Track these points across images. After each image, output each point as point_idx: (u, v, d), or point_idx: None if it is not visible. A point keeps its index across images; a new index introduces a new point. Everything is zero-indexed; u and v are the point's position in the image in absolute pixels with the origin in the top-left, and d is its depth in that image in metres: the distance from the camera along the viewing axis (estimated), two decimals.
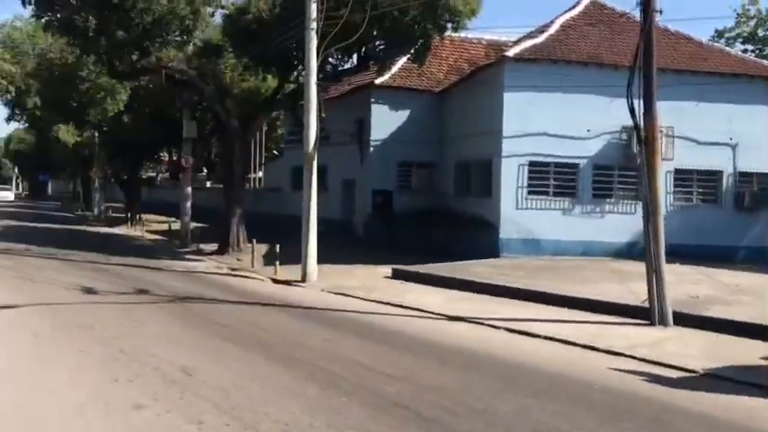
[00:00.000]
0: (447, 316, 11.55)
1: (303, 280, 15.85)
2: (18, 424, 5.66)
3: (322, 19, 15.67)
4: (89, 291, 13.00)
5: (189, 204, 26.19)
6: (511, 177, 18.45)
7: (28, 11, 20.04)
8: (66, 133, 48.62)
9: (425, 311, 11.99)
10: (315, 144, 16.25)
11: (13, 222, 33.62)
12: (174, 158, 53.65)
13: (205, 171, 52.71)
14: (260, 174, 41.14)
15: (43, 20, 20.39)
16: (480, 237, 19.15)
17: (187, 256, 21.72)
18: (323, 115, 16.41)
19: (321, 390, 6.87)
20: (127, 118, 33.91)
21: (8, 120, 48.28)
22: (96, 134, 42.69)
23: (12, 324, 9.72)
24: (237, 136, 21.78)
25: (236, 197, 22.39)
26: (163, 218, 36.26)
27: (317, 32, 15.77)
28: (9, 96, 27.41)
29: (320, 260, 16.12)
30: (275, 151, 46.29)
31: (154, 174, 58.06)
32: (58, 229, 31.10)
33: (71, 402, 6.21)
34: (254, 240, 19.38)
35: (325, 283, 15.51)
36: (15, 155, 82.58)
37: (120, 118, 33.65)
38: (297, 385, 6.97)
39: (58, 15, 19.41)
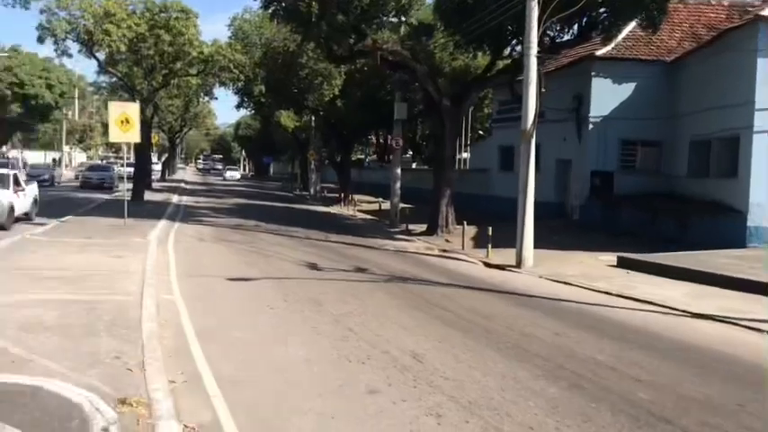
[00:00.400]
0: (691, 313, 10.11)
1: (518, 265, 15.10)
2: (263, 395, 5.74)
3: None
4: (313, 266, 13.50)
5: (398, 185, 26.59)
6: (763, 156, 15.88)
7: (257, 2, 21.43)
8: (287, 118, 52.56)
9: (664, 306, 10.62)
10: (534, 121, 15.31)
11: (242, 200, 36.99)
12: (381, 141, 55.63)
13: (410, 153, 53.95)
14: (464, 155, 40.79)
15: (270, 10, 21.72)
16: (720, 223, 16.81)
17: (397, 236, 22.02)
18: (543, 90, 15.40)
19: (563, 391, 6.16)
20: (340, 102, 35.56)
21: (237, 107, 53.27)
22: (313, 118, 45.52)
23: (250, 295, 10.28)
24: (449, 115, 21.48)
25: (445, 178, 22.17)
26: (371, 198, 37.55)
27: (538, 2, 14.81)
28: (239, 85, 29.97)
29: (535, 245, 15.24)
30: (480, 131, 45.77)
31: (363, 156, 60.79)
32: (281, 207, 33.54)
33: (308, 380, 6.19)
34: (465, 222, 18.98)
35: (542, 269, 14.61)
36: (242, 139, 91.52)
37: (335, 102, 35.34)
38: (535, 384, 6.33)
39: (283, 4, 20.54)
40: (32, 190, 19.41)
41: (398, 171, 27.03)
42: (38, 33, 25.62)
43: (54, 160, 67.56)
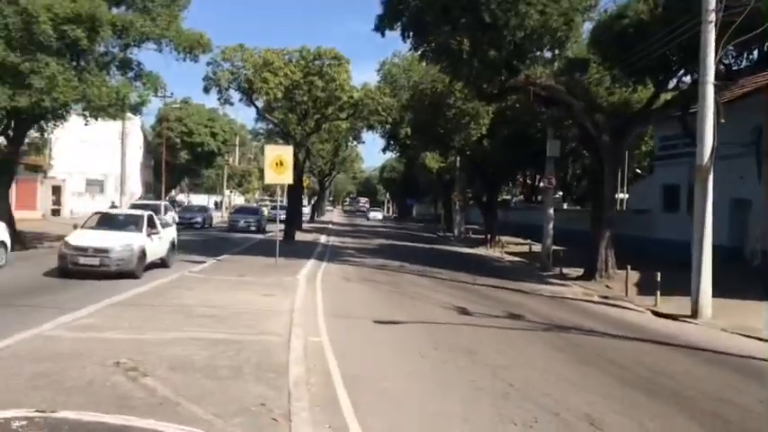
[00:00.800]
0: None
1: (694, 315, 13.30)
2: None
3: (721, 9, 13.19)
4: (463, 311, 12.69)
5: (551, 226, 25.20)
6: None
7: (407, 45, 21.48)
8: (432, 160, 52.68)
9: None
10: (711, 156, 13.64)
11: (386, 241, 37.10)
12: (528, 180, 53.99)
13: (560, 193, 51.84)
14: (621, 195, 38.23)
15: (419, 51, 21.69)
16: None
17: (551, 280, 20.62)
18: (722, 121, 13.73)
19: None
20: (487, 142, 34.88)
21: (384, 150, 54.30)
22: (458, 159, 45.20)
23: (399, 340, 9.67)
24: (608, 152, 20.00)
25: (604, 218, 20.54)
26: (518, 239, 36.15)
27: (715, 25, 13.31)
28: (387, 128, 30.28)
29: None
30: (638, 170, 42.91)
31: (509, 196, 59.37)
32: (424, 249, 33.15)
33: None
34: (629, 267, 17.30)
35: (722, 320, 12.76)
36: (387, 182, 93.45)
37: (481, 142, 34.73)
38: None
39: (433, 45, 20.39)
40: (170, 233, 18.26)
41: (551, 211, 25.65)
42: (204, 84, 27.61)
43: (216, 203, 72.77)
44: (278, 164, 18.31)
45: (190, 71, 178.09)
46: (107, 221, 16.28)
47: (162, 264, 16.88)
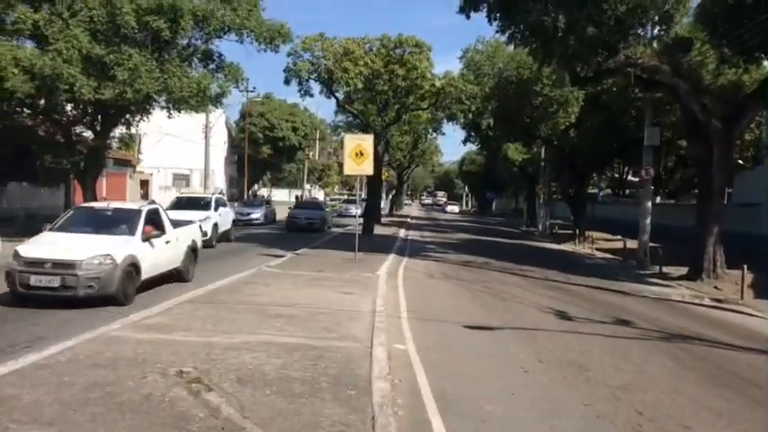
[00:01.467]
0: None
1: None
2: None
3: None
4: (562, 315, 11.39)
5: (648, 221, 23.25)
6: None
7: (492, 28, 20.16)
8: (515, 151, 50.82)
9: None
10: None
11: (467, 236, 35.78)
12: (616, 174, 51.11)
13: (651, 186, 48.77)
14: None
15: (506, 34, 20.34)
16: None
17: (651, 280, 18.83)
18: None
19: None
20: (574, 131, 32.93)
21: (464, 141, 52.76)
22: (543, 150, 43.20)
23: (495, 350, 8.53)
24: (718, 139, 18.00)
25: (712, 213, 18.56)
26: (606, 235, 33.99)
27: None
28: (469, 117, 28.86)
29: None
30: (740, 161, 39.57)
31: (595, 189, 56.54)
32: (508, 244, 31.66)
33: None
34: (745, 267, 15.39)
35: None
36: (466, 175, 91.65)
37: (568, 131, 32.82)
38: None
39: (521, 26, 19.01)
40: (187, 236, 13.50)
41: (649, 205, 23.68)
42: (284, 76, 27.18)
43: (296, 197, 73.41)
44: (358, 154, 17.46)
45: (271, 63, 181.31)
46: (87, 219, 11.57)
47: (177, 274, 12.81)
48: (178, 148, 50.40)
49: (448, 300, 12.81)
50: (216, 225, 22.10)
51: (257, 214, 35.30)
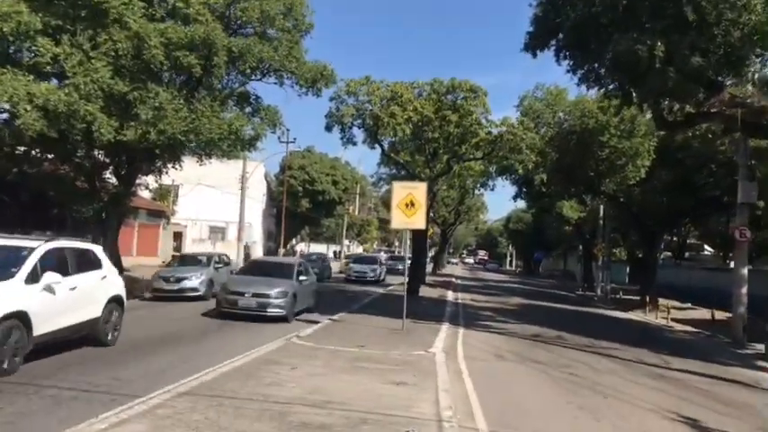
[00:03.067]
0: None
1: None
2: None
3: None
4: (698, 426, 8.21)
5: (744, 290, 19.77)
6: None
7: (562, 67, 17.55)
8: (570, 209, 47.65)
9: None
10: None
11: (522, 300, 32.43)
12: (674, 237, 47.01)
13: (708, 249, 44.70)
14: None
15: (579, 73, 17.77)
16: None
17: (760, 364, 15.37)
18: None
19: None
20: (641, 188, 29.71)
21: (515, 197, 49.88)
22: (601, 208, 39.92)
23: None
24: None
25: None
26: (673, 302, 30.24)
27: None
28: (529, 168, 25.96)
29: None
30: None
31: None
32: (569, 311, 28.23)
33: None
34: None
35: None
36: (512, 233, 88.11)
37: (633, 188, 29.61)
38: None
39: (602, 61, 16.41)
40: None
41: (745, 272, 20.18)
42: (326, 122, 25.01)
43: (335, 253, 70.96)
44: (408, 204, 14.77)
45: (312, 112, 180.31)
46: None
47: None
48: (215, 200, 48.80)
49: (532, 395, 9.73)
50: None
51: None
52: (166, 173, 25.14)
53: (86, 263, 10.38)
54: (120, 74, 17.64)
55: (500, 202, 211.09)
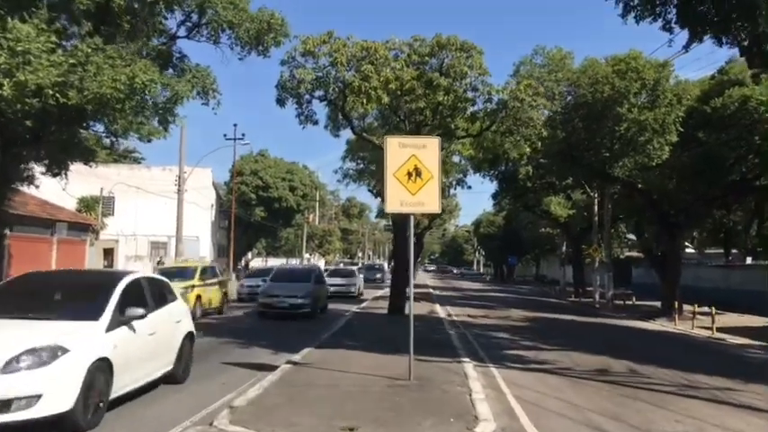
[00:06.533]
0: None
1: None
2: None
3: None
4: None
5: None
6: None
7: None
8: (558, 206, 42.66)
9: None
10: None
11: (520, 312, 26.96)
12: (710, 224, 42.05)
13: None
14: None
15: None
16: None
17: None
18: None
19: None
20: (658, 171, 24.66)
21: (494, 196, 44.69)
22: (596, 202, 34.98)
23: None
24: None
25: None
26: (694, 307, 25.20)
27: None
28: (538, 145, 20.35)
29: None
30: None
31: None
32: (588, 325, 22.84)
33: None
34: None
35: None
36: (482, 238, 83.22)
37: (654, 169, 24.47)
38: None
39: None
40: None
41: None
42: (277, 93, 19.10)
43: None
44: (411, 174, 9.05)
45: (269, 124, 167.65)
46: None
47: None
48: (156, 212, 42.10)
49: None
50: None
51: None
52: (64, 170, 18.66)
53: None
54: None
55: (466, 206, 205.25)
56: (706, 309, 24.91)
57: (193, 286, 19.52)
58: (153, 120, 15.03)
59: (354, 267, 41.14)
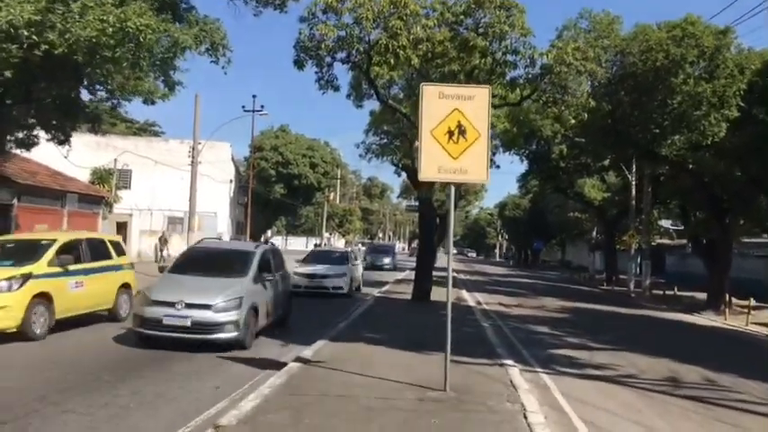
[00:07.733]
0: None
1: None
2: None
3: None
4: None
5: None
6: None
7: None
8: (593, 189, 40.40)
9: None
10: None
11: (555, 301, 25.01)
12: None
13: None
14: None
15: None
16: None
17: None
18: None
19: None
20: (712, 151, 22.39)
21: (524, 176, 42.59)
22: (633, 182, 32.71)
23: None
24: None
25: None
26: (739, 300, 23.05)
27: None
28: (584, 116, 18.24)
29: None
30: None
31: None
32: (630, 317, 20.88)
33: None
34: None
35: None
36: (507, 221, 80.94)
37: (701, 149, 22.19)
38: None
39: None
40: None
41: None
42: (295, 54, 17.20)
43: (315, 245, 63.15)
44: (452, 132, 7.16)
45: (291, 99, 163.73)
46: None
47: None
48: (174, 187, 40.64)
49: None
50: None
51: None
52: (68, 137, 17.04)
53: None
54: None
55: (490, 188, 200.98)
56: (754, 302, 22.75)
57: (29, 276, 10.43)
58: (152, 75, 13.28)
59: (347, 249, 31.96)
